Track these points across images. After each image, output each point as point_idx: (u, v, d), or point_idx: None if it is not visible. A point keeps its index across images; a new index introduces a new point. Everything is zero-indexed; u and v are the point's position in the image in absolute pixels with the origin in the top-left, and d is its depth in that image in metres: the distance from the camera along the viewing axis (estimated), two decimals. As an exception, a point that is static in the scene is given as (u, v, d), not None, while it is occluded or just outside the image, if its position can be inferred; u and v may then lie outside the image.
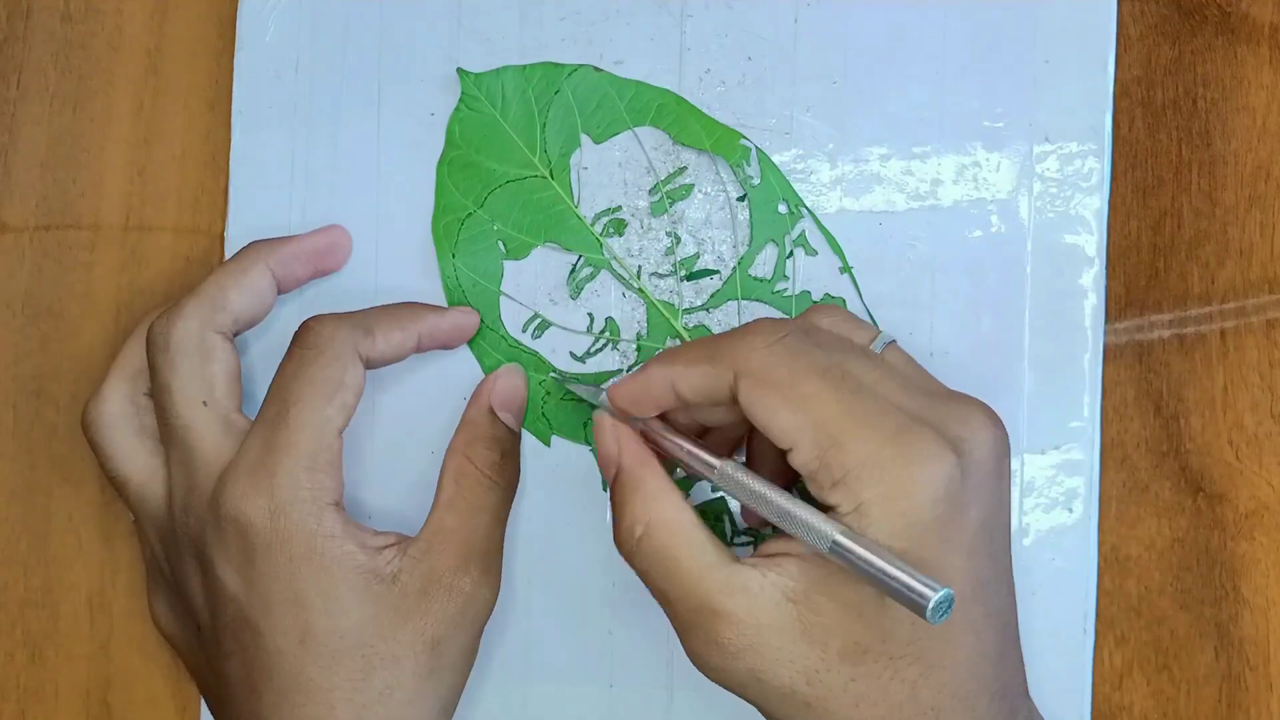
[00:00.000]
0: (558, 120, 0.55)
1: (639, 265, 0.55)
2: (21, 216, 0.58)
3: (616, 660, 0.55)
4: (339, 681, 0.49)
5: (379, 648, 0.50)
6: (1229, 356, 0.55)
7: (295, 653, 0.49)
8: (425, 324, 0.54)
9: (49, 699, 0.58)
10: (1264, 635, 0.55)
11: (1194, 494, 0.55)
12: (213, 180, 0.58)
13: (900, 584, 0.42)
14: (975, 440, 0.46)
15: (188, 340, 0.52)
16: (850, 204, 0.55)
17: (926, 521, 0.44)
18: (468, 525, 0.52)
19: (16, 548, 0.58)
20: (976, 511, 0.45)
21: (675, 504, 0.47)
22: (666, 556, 0.47)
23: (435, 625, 0.51)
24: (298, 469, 0.49)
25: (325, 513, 0.50)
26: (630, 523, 0.47)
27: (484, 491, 0.53)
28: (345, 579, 0.50)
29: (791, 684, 0.45)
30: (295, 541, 0.49)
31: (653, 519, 0.47)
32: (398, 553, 0.51)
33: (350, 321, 0.52)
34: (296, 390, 0.50)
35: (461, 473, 0.53)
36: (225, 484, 0.50)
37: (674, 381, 0.48)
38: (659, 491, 0.48)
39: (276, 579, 0.49)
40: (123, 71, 0.58)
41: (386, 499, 0.56)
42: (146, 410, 0.54)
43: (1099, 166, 0.54)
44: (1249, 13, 0.55)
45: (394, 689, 0.50)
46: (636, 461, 0.49)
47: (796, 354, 0.46)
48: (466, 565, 0.52)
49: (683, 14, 0.55)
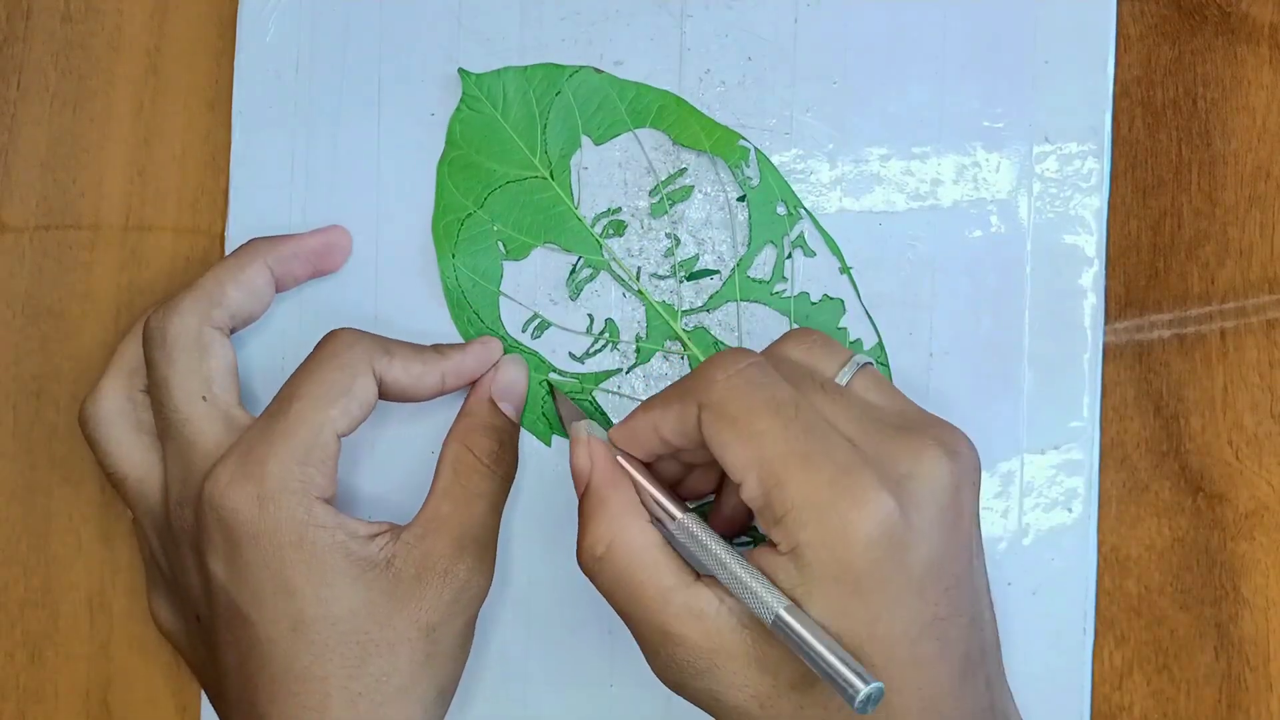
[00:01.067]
0: (558, 121, 0.55)
1: (638, 266, 0.55)
2: (21, 216, 0.58)
3: (616, 660, 0.55)
4: (333, 669, 0.49)
5: (374, 634, 0.50)
6: (1229, 356, 0.55)
7: (288, 641, 0.49)
8: (449, 363, 0.54)
9: (49, 699, 0.58)
10: (1264, 635, 0.55)
11: (1194, 494, 0.55)
12: (213, 180, 0.58)
13: (834, 670, 0.43)
14: (924, 477, 0.45)
15: (185, 335, 0.52)
16: (850, 204, 0.55)
17: (863, 565, 0.44)
18: (463, 512, 0.52)
19: (16, 548, 0.58)
20: (925, 550, 0.45)
21: (638, 525, 0.48)
22: (627, 578, 0.47)
23: (430, 611, 0.50)
24: (290, 460, 0.49)
25: (315, 504, 0.49)
26: (592, 541, 0.48)
27: (481, 479, 0.53)
28: (336, 566, 0.49)
29: (745, 705, 0.46)
30: (284, 530, 0.49)
31: (615, 539, 0.47)
32: (391, 538, 0.51)
33: (373, 338, 0.52)
34: (303, 388, 0.50)
35: (459, 460, 0.53)
36: (215, 472, 0.50)
37: (656, 425, 0.48)
38: (623, 511, 0.48)
39: (265, 567, 0.49)
40: (123, 71, 0.58)
41: (381, 498, 0.56)
42: (144, 406, 0.54)
43: (1098, 167, 0.54)
44: (1249, 13, 0.55)
45: (390, 675, 0.50)
46: (605, 480, 0.49)
47: (755, 387, 0.46)
48: (461, 552, 0.51)
49: (683, 14, 0.55)
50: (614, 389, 0.55)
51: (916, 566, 0.45)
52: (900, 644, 0.45)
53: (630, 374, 0.55)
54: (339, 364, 0.51)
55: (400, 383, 0.52)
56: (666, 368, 0.55)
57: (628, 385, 0.55)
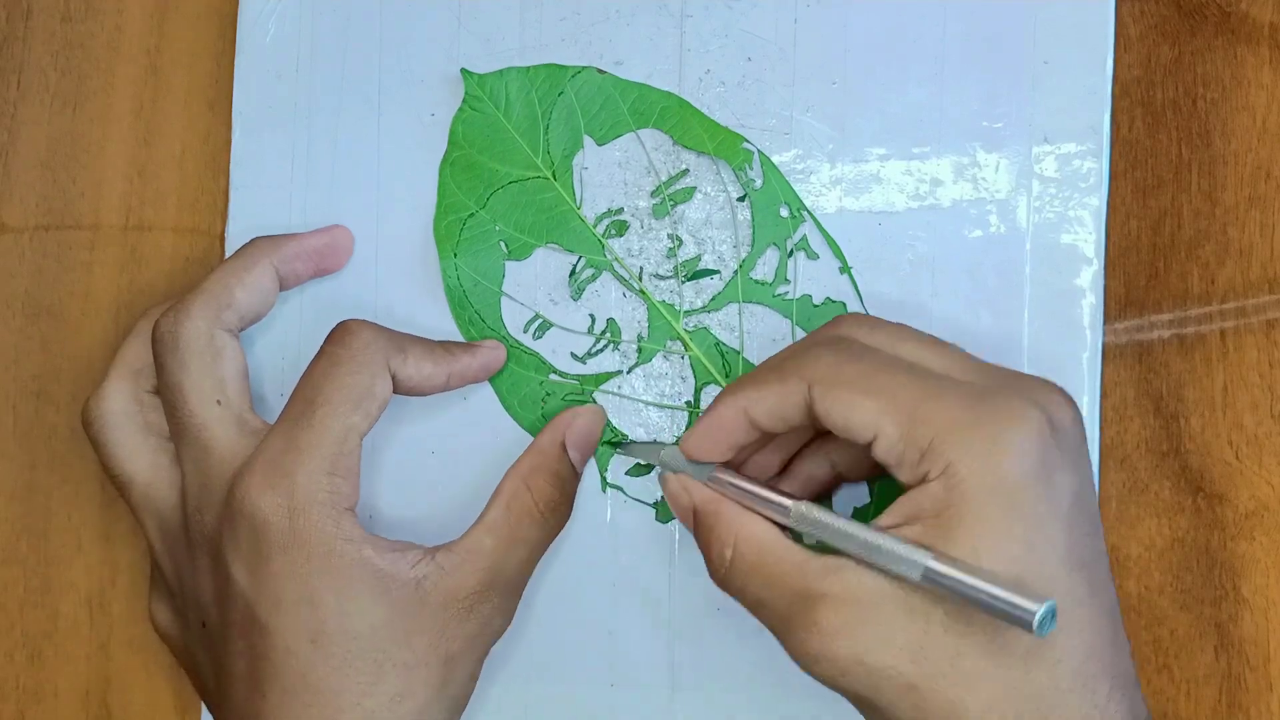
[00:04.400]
0: (561, 122, 0.55)
1: (640, 266, 0.55)
2: (21, 216, 0.58)
3: (617, 661, 0.55)
4: (349, 684, 0.49)
5: (393, 654, 0.49)
6: (1229, 356, 0.55)
7: (305, 653, 0.49)
8: (458, 364, 0.54)
9: (49, 699, 0.58)
10: (1264, 635, 0.55)
11: (1194, 494, 0.55)
12: (213, 180, 0.58)
13: (999, 599, 0.41)
14: (1061, 410, 0.45)
15: (197, 339, 0.52)
16: (850, 204, 0.55)
17: (1020, 482, 0.43)
18: (504, 553, 0.52)
19: (16, 548, 0.58)
20: (1070, 478, 0.44)
21: (755, 521, 0.47)
22: (759, 568, 0.46)
23: (451, 641, 0.50)
24: (319, 471, 0.49)
25: (343, 517, 0.49)
26: (719, 550, 0.48)
27: (531, 526, 0.53)
28: (363, 581, 0.49)
29: (895, 664, 0.43)
30: (313, 543, 0.49)
31: (737, 539, 0.47)
32: (424, 558, 0.50)
33: (388, 334, 0.52)
34: (326, 392, 0.50)
35: (515, 498, 0.53)
36: (242, 479, 0.49)
37: (747, 409, 0.47)
38: (738, 515, 0.48)
39: (291, 578, 0.49)
40: (123, 71, 0.58)
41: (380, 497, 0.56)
42: (150, 408, 0.54)
43: (1097, 166, 0.54)
44: (1249, 13, 0.55)
45: (405, 697, 0.49)
46: (710, 499, 0.49)
47: (863, 356, 0.46)
48: (490, 590, 0.51)
49: (682, 14, 0.55)
50: (614, 389, 0.55)
51: (1064, 498, 0.43)
52: (1058, 574, 0.43)
53: (631, 374, 0.55)
54: (358, 365, 0.50)
55: (411, 381, 0.52)
56: (668, 368, 0.55)
57: (629, 385, 0.55)
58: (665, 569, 0.55)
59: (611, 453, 0.55)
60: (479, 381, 0.55)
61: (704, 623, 0.55)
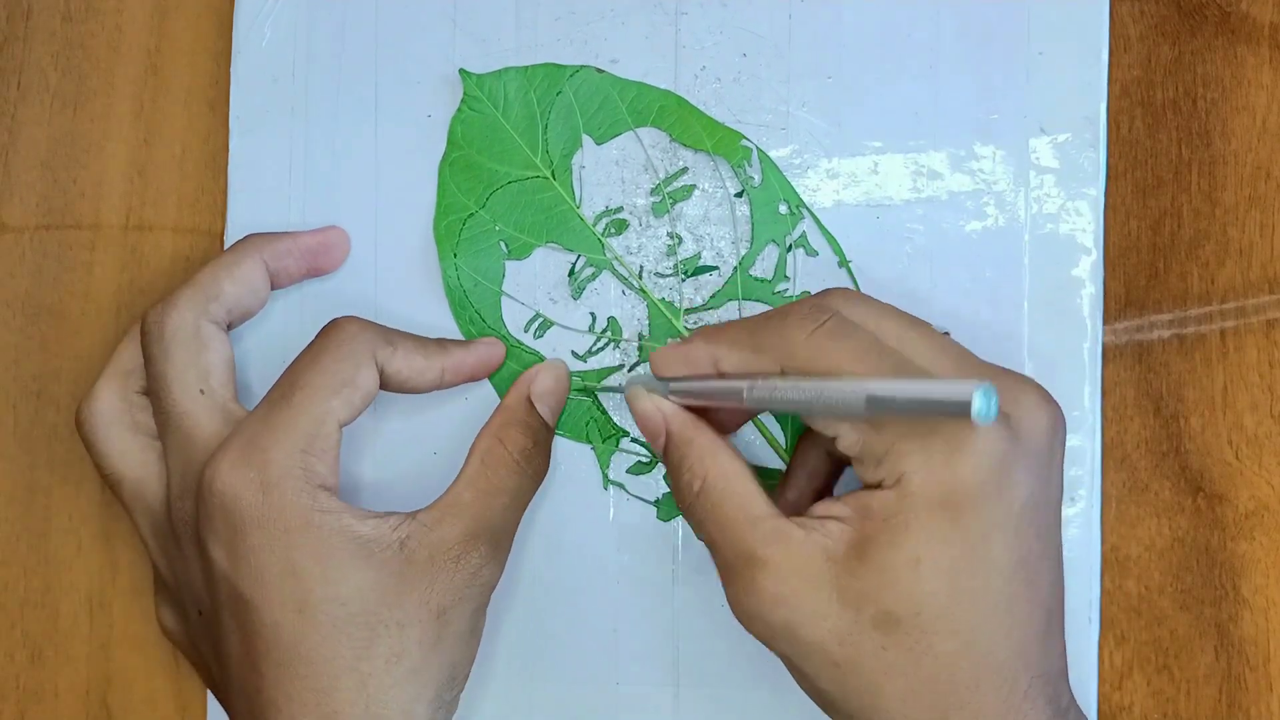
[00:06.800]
0: (560, 121, 0.56)
1: (640, 264, 0.55)
2: (21, 216, 0.58)
3: (621, 659, 0.55)
4: (341, 650, 0.49)
5: (382, 614, 0.49)
6: (1229, 356, 0.55)
7: (293, 624, 0.49)
8: (450, 359, 0.54)
9: (49, 699, 0.58)
10: (1264, 635, 0.54)
11: (1194, 494, 0.55)
12: (212, 180, 0.58)
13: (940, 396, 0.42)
14: (1026, 419, 0.46)
15: (183, 329, 0.52)
16: (847, 198, 0.55)
17: (967, 493, 0.44)
18: (484, 503, 0.52)
19: (16, 548, 0.58)
20: (1025, 489, 0.45)
21: (727, 455, 0.48)
22: (720, 508, 0.47)
23: (441, 594, 0.50)
24: (293, 449, 0.49)
25: (318, 492, 0.49)
26: (689, 479, 0.48)
27: (508, 474, 0.53)
28: (345, 547, 0.49)
29: (822, 642, 0.46)
30: (289, 515, 0.49)
31: (710, 473, 0.48)
32: (405, 519, 0.50)
33: (377, 328, 0.52)
34: (305, 377, 0.50)
35: (489, 452, 0.53)
36: (216, 459, 0.49)
37: (717, 358, 0.49)
38: (712, 446, 0.49)
39: (270, 551, 0.49)
40: (123, 71, 0.58)
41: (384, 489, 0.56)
42: (140, 408, 0.54)
43: (1094, 156, 0.54)
44: (1249, 13, 0.55)
45: (400, 657, 0.49)
46: (684, 423, 0.50)
47: (841, 336, 0.47)
48: (475, 540, 0.51)
49: (677, 12, 0.56)
50: (616, 386, 0.55)
51: (1016, 503, 0.45)
52: (994, 575, 0.44)
53: (632, 372, 0.55)
54: (343, 354, 0.51)
55: (401, 375, 0.52)
56: (666, 366, 0.55)
57: (628, 384, 0.55)
58: (668, 566, 0.55)
59: (612, 450, 0.55)
60: (478, 379, 0.55)
61: (708, 620, 0.55)
